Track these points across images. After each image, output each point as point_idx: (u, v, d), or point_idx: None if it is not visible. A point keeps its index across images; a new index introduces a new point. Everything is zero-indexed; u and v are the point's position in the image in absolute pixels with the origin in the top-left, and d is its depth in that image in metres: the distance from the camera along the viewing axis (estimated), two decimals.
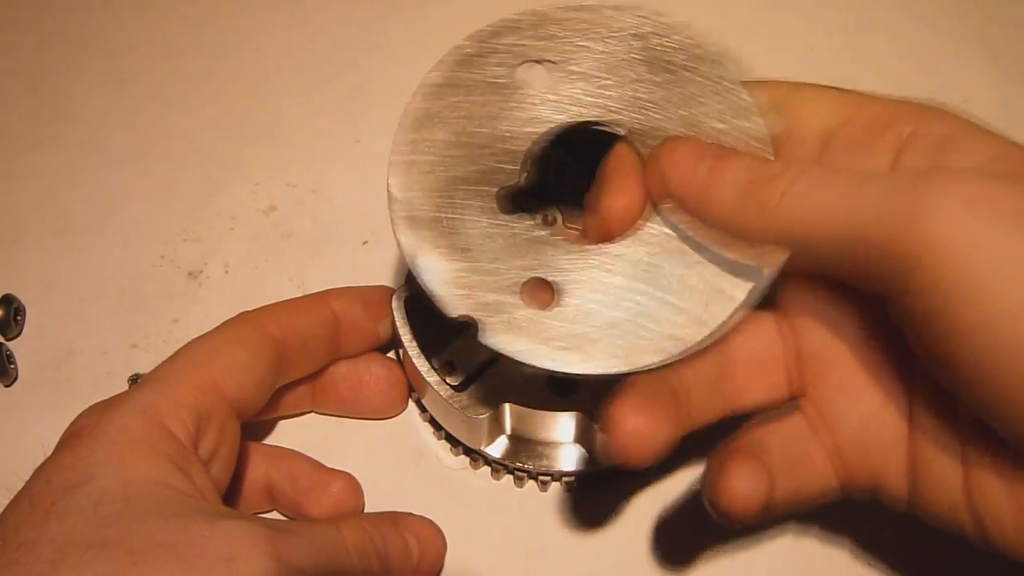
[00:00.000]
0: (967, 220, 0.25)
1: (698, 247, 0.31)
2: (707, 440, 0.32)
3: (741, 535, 0.39)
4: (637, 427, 0.29)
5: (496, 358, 0.39)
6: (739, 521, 0.30)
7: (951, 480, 0.29)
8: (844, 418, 0.31)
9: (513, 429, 0.39)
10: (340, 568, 0.32)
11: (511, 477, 0.40)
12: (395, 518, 0.37)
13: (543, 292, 0.31)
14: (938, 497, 0.29)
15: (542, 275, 0.31)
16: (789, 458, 0.31)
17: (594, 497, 0.40)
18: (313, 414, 0.42)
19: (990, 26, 0.38)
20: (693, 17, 0.34)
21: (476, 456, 0.40)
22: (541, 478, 0.39)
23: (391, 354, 0.42)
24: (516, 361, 0.30)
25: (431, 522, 0.38)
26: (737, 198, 0.29)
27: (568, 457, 0.39)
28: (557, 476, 0.39)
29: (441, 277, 0.31)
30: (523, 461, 0.39)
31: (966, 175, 0.26)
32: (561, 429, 0.39)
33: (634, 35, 0.34)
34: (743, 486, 0.29)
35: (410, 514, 0.38)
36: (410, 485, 0.40)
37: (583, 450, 0.39)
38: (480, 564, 0.39)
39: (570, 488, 0.40)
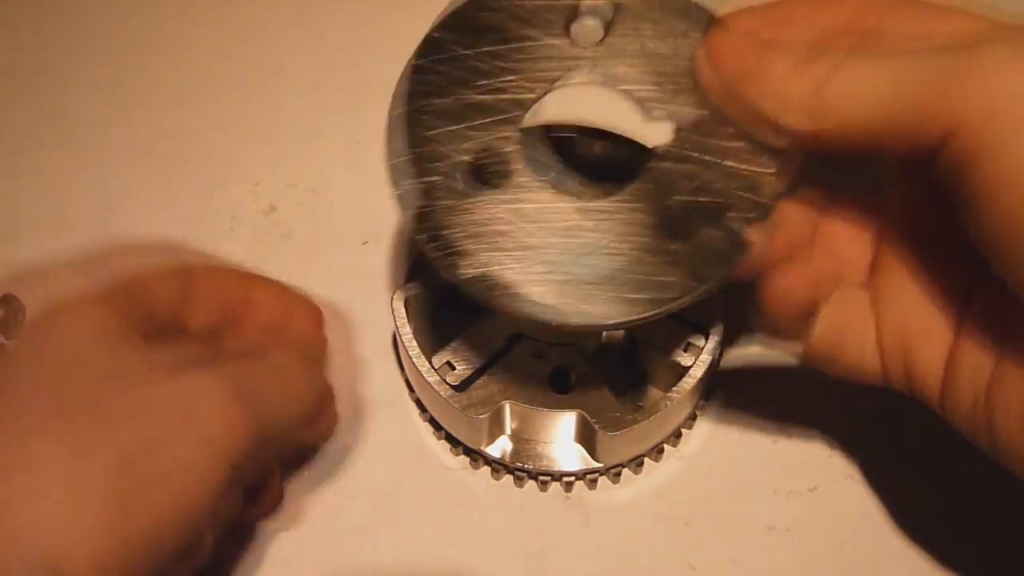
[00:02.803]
0: (1015, 75, 0.26)
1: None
2: None
3: (741, 537, 0.39)
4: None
5: (497, 358, 0.39)
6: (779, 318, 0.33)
7: (980, 373, 0.30)
8: (896, 303, 0.32)
9: (513, 429, 0.39)
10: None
11: (511, 477, 0.40)
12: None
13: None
14: (964, 390, 0.31)
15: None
16: (838, 321, 0.33)
17: (595, 497, 0.40)
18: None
19: None
20: None
21: (476, 456, 0.40)
22: (541, 478, 0.39)
23: (390, 354, 0.42)
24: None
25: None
26: (789, 70, 0.29)
27: (568, 457, 0.39)
28: (557, 476, 0.39)
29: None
30: (523, 461, 0.39)
31: (1020, 35, 0.27)
32: (561, 429, 0.39)
33: None
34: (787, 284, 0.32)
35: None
36: (410, 485, 0.40)
37: (583, 450, 0.39)
38: (480, 564, 0.39)
39: (570, 488, 0.40)
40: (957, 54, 0.27)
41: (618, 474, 0.40)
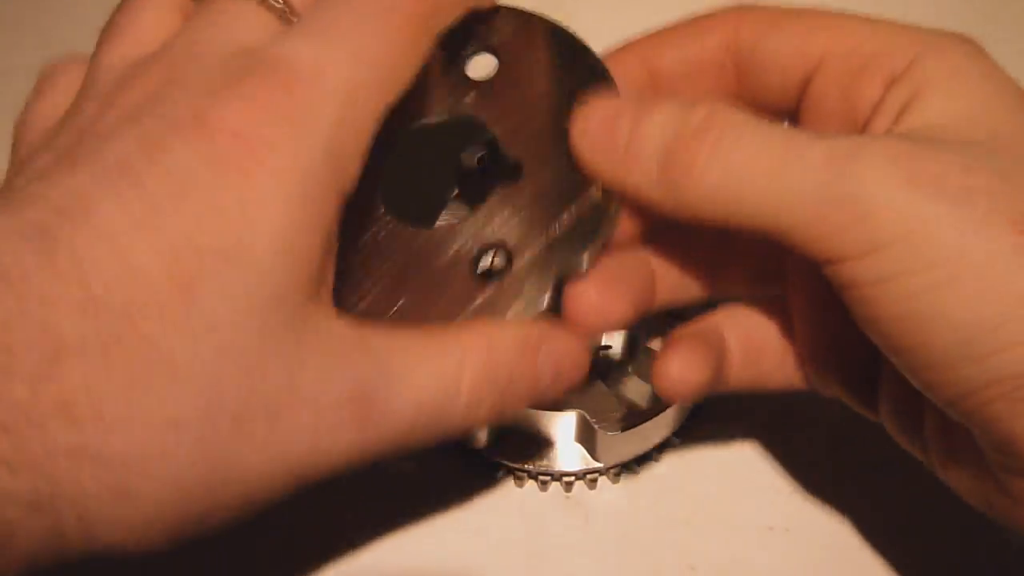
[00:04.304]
0: (891, 191, 0.24)
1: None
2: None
3: (741, 537, 0.39)
4: (593, 302, 0.28)
5: None
6: (677, 401, 0.31)
7: (910, 418, 0.30)
8: (820, 327, 0.31)
9: (513, 429, 0.39)
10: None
11: (511, 477, 0.40)
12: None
13: None
14: (896, 424, 0.31)
15: None
16: (753, 346, 0.32)
17: (595, 497, 0.40)
18: None
19: (989, 27, 0.38)
20: (682, 15, 0.33)
21: (477, 456, 0.40)
22: (541, 478, 0.40)
23: None
24: None
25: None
26: (661, 166, 0.26)
27: (568, 457, 0.39)
28: (557, 476, 0.39)
29: None
30: (523, 461, 0.39)
31: (888, 143, 0.25)
32: (561, 429, 0.39)
33: None
34: (681, 371, 0.30)
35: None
36: (411, 486, 0.40)
37: (583, 450, 0.39)
38: (480, 564, 0.39)
39: (570, 488, 0.40)
40: (831, 174, 0.25)
41: (618, 474, 0.40)
